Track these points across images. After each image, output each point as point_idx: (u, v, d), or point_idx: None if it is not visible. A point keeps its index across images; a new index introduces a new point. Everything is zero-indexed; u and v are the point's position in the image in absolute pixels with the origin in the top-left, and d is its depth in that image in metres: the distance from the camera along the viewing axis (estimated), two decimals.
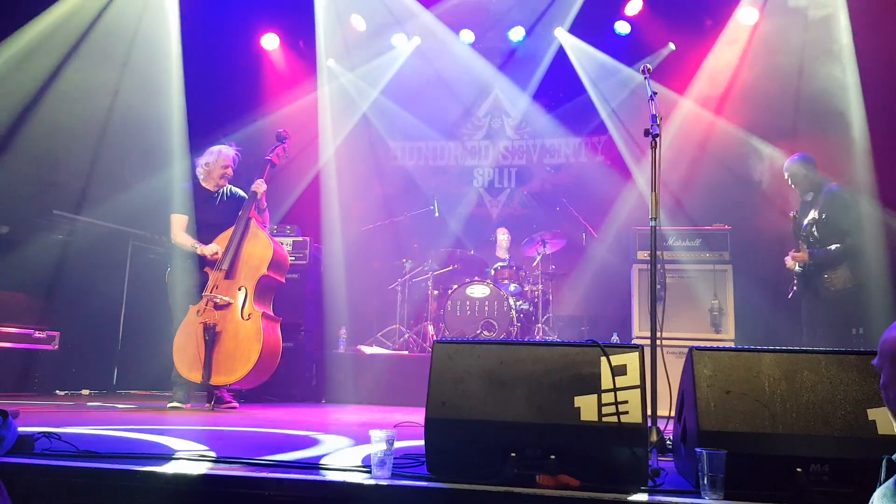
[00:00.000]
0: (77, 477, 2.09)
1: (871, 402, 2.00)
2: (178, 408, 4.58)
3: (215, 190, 5.00)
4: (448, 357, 2.20)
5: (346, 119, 8.27)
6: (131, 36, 6.69)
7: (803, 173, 4.89)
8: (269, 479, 2.01)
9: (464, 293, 6.48)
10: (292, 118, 7.58)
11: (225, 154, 4.99)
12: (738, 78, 6.86)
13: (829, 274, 4.66)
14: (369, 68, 8.17)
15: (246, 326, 4.55)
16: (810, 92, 6.32)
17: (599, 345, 2.14)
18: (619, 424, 2.02)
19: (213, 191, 5.00)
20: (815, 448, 1.97)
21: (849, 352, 2.10)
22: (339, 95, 8.19)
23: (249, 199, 4.87)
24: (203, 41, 7.23)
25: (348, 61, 8.16)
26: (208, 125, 6.94)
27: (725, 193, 6.51)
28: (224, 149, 5.02)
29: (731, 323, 5.38)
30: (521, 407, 2.09)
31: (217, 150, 5.02)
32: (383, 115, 8.39)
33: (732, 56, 6.94)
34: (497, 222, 7.99)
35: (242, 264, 4.73)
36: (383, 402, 5.69)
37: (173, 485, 2.03)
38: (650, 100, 3.12)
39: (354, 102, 8.27)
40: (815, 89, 6.28)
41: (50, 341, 5.76)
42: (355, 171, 8.33)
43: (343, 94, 8.22)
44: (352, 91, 8.23)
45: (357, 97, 8.25)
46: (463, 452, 2.10)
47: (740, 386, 2.08)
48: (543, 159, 8.30)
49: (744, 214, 6.24)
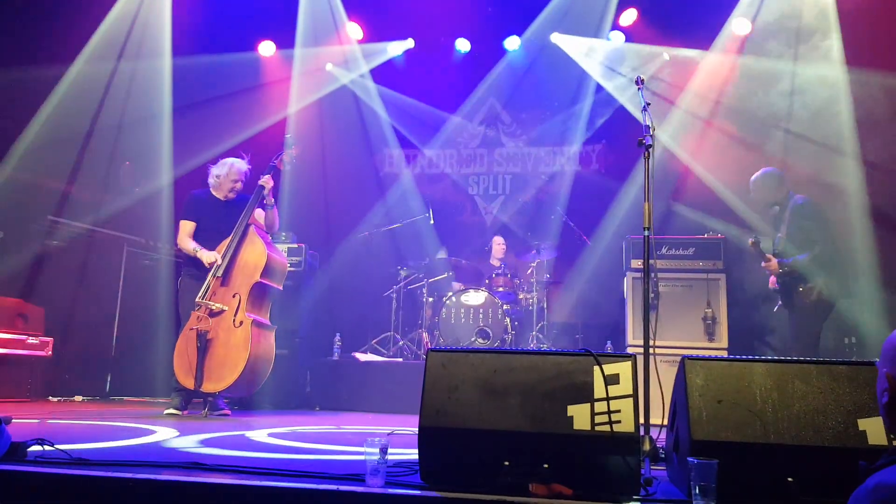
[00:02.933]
0: (69, 485, 2.08)
1: (862, 413, 2.01)
2: (174, 414, 4.57)
3: (225, 198, 5.03)
4: (442, 365, 2.21)
5: (341, 126, 8.30)
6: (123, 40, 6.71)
7: (769, 187, 4.88)
8: (261, 487, 2.01)
9: (459, 301, 6.49)
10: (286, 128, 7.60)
11: (237, 168, 5.03)
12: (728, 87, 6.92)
13: (803, 286, 4.65)
14: (364, 73, 8.20)
15: (236, 334, 4.55)
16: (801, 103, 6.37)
17: (592, 354, 2.15)
18: (611, 433, 2.03)
19: (223, 199, 5.03)
20: (806, 458, 1.98)
21: (840, 362, 2.12)
22: (334, 102, 8.21)
23: (255, 195, 4.90)
24: (197, 48, 7.26)
25: (345, 67, 8.19)
26: (201, 132, 6.95)
27: (720, 201, 6.54)
28: (237, 162, 5.07)
29: (725, 332, 5.40)
30: (514, 415, 2.10)
31: (230, 162, 5.07)
32: (379, 121, 8.41)
33: (724, 66, 7.00)
34: (492, 230, 8.01)
35: (238, 271, 4.74)
36: (378, 409, 5.69)
37: (166, 493, 2.03)
38: (643, 110, 3.15)
39: (350, 109, 8.29)
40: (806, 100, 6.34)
41: (43, 347, 5.73)
42: (351, 178, 8.35)
43: (338, 100, 8.24)
44: (347, 98, 8.26)
45: (353, 104, 8.28)
46: (456, 461, 2.11)
47: (732, 395, 2.09)
48: (538, 167, 8.33)
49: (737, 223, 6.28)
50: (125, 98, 6.69)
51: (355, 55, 8.13)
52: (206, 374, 4.48)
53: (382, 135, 8.51)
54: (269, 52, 8.03)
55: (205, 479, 2.06)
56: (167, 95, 6.92)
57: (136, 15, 6.84)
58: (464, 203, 8.49)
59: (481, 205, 8.52)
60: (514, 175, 8.47)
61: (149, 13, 6.94)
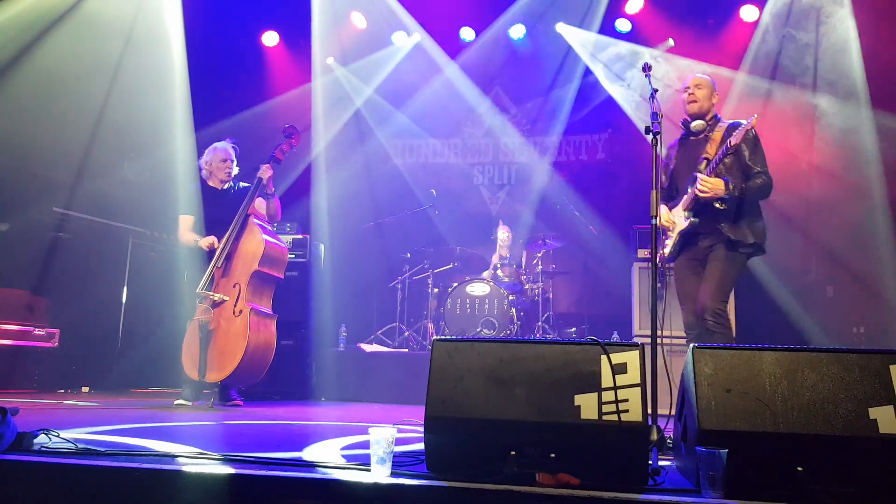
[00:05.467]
0: (76, 475, 2.08)
1: (873, 401, 1.99)
2: (183, 405, 4.59)
3: (222, 187, 5.02)
4: (448, 355, 2.20)
5: (346, 116, 8.27)
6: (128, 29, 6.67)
7: (710, 94, 3.87)
8: (268, 477, 2.01)
9: (464, 291, 6.47)
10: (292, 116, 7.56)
11: (220, 148, 5.03)
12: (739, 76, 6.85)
13: (726, 224, 3.61)
14: (371, 66, 8.16)
15: (236, 323, 4.57)
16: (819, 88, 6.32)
17: (600, 343, 2.13)
18: (619, 423, 2.02)
19: (220, 188, 5.01)
20: (816, 447, 1.96)
21: (850, 350, 2.09)
22: (338, 92, 8.18)
23: (254, 186, 4.88)
24: (204, 37, 7.23)
25: (351, 59, 8.16)
26: (211, 120, 6.94)
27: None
28: (218, 144, 5.07)
29: (732, 321, 5.36)
30: (521, 405, 2.08)
31: (212, 147, 5.07)
32: (383, 112, 8.38)
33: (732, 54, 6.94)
34: (497, 220, 7.98)
35: (238, 261, 4.75)
36: (383, 400, 5.69)
37: (173, 483, 2.03)
38: (651, 97, 3.11)
39: (354, 100, 8.26)
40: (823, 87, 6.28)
41: (49, 339, 5.76)
42: (355, 168, 8.33)
43: (342, 91, 8.21)
44: (351, 89, 8.23)
45: (356, 95, 8.25)
46: (463, 451, 2.10)
47: (741, 384, 2.07)
48: (544, 157, 8.29)
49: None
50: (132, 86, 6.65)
51: (360, 46, 8.09)
52: (209, 364, 4.50)
53: (388, 124, 8.48)
54: (273, 41, 8.00)
55: (210, 468, 2.06)
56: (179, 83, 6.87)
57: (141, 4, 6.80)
58: (469, 193, 8.46)
59: (486, 195, 8.49)
60: (519, 165, 8.43)
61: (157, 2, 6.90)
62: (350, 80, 8.20)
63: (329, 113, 8.10)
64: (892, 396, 1.98)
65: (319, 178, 7.82)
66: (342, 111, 8.24)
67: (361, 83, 8.22)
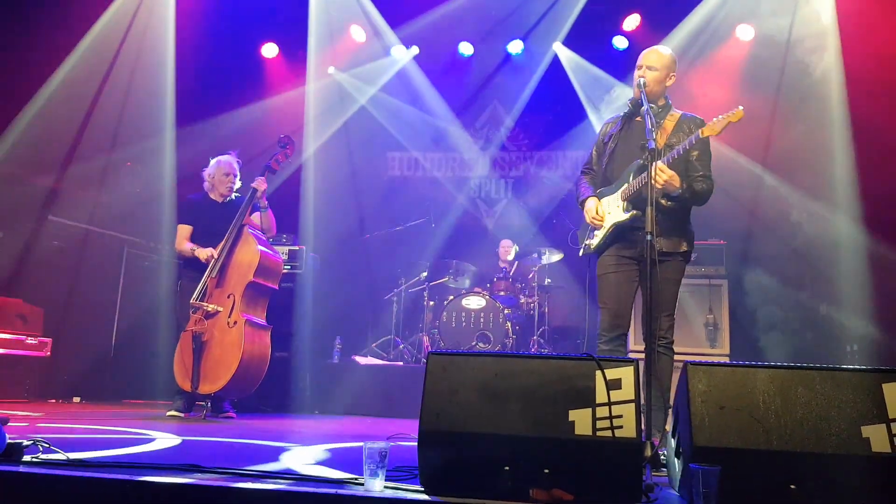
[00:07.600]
0: (66, 486, 2.06)
1: (866, 420, 1.99)
2: (176, 417, 4.56)
3: (223, 200, 5.02)
4: (443, 369, 2.19)
5: (342, 128, 8.27)
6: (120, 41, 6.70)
7: (664, 76, 3.41)
8: (259, 491, 1.99)
9: (459, 304, 6.47)
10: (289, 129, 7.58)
11: (224, 161, 5.02)
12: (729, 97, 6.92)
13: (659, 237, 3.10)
14: (369, 77, 8.19)
15: (230, 334, 4.55)
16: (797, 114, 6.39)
17: (594, 358, 2.13)
18: (613, 439, 2.01)
19: (221, 201, 5.02)
20: (809, 465, 1.96)
21: (844, 369, 2.10)
22: (336, 104, 8.20)
23: (248, 198, 4.88)
24: (199, 47, 7.26)
25: (348, 71, 8.19)
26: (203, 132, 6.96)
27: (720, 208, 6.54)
28: (222, 158, 5.07)
29: (727, 338, 5.38)
30: (515, 420, 2.08)
31: (216, 160, 5.07)
32: (380, 124, 8.39)
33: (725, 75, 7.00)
34: (494, 233, 7.99)
35: (232, 272, 4.73)
36: (377, 413, 5.67)
37: (162, 495, 2.01)
38: (645, 114, 3.12)
39: (351, 112, 8.28)
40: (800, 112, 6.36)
41: (42, 348, 5.72)
42: (351, 180, 8.33)
43: (340, 103, 8.23)
44: (349, 101, 8.25)
45: (354, 107, 8.27)
46: (456, 465, 2.09)
47: (735, 401, 2.07)
48: (541, 171, 8.32)
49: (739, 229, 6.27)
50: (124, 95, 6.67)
51: (359, 59, 8.13)
52: (203, 376, 4.47)
53: (384, 138, 8.50)
54: (272, 53, 8.03)
55: (202, 481, 2.05)
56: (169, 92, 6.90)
57: (137, 9, 6.82)
58: (465, 207, 8.47)
59: (483, 208, 8.51)
60: (515, 179, 8.46)
61: (152, 7, 6.92)
62: (349, 91, 8.22)
63: (325, 124, 8.11)
64: (884, 415, 1.99)
65: (314, 191, 7.82)
66: (338, 122, 8.24)
67: (360, 94, 8.24)
